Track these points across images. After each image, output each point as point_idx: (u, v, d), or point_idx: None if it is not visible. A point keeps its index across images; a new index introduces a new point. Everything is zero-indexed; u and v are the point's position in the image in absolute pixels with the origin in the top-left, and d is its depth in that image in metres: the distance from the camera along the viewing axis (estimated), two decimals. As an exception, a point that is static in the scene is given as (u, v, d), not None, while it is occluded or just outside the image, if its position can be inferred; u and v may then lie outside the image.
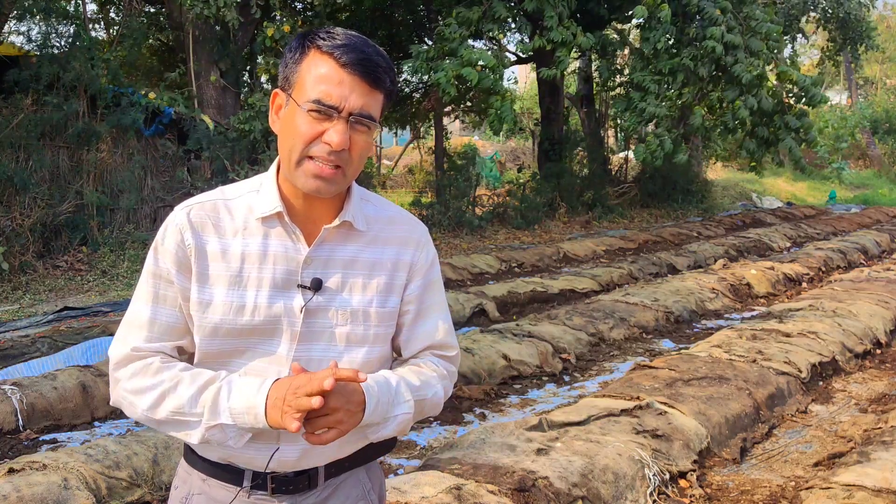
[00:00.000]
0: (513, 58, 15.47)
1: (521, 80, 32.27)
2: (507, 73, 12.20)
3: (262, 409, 1.26)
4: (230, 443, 1.32)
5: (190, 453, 1.45)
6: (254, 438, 1.36)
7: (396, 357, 1.53)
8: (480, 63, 10.92)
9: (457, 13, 11.36)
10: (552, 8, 11.33)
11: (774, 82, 13.86)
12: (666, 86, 12.31)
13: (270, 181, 1.39)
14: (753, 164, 14.87)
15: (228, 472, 1.40)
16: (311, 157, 1.30)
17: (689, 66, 12.17)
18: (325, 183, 1.31)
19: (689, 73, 12.41)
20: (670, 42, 12.55)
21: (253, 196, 1.40)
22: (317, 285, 1.36)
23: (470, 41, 11.63)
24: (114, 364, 1.38)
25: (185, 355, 1.42)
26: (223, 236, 1.37)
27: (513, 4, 12.03)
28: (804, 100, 13.47)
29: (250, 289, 1.35)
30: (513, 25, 12.33)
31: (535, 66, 16.12)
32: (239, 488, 1.39)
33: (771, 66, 13.50)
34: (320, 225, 1.38)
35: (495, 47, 12.75)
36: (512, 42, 17.10)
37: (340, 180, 1.33)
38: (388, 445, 1.53)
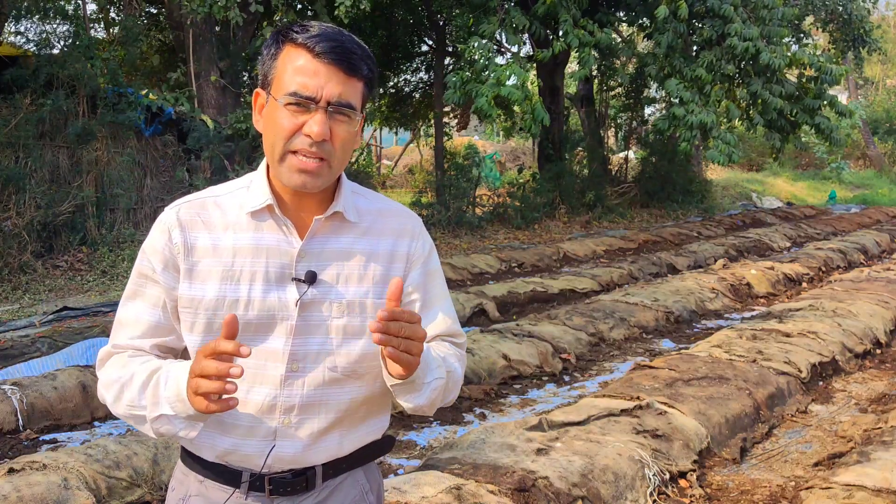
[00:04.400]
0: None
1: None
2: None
3: (186, 394, 1.20)
4: (181, 434, 1.27)
5: (186, 454, 1.44)
6: (250, 435, 1.35)
7: None
8: (513, 79, 10.98)
9: (481, 29, 11.41)
10: (566, 11, 11.36)
11: (787, 70, 13.90)
12: (696, 91, 12.31)
13: (261, 177, 1.39)
14: (775, 156, 14.97)
15: (225, 473, 1.39)
16: (293, 152, 1.30)
17: (715, 66, 12.21)
18: (309, 177, 1.30)
19: (716, 73, 12.46)
20: (681, 42, 12.58)
21: (243, 192, 1.40)
22: (311, 278, 1.35)
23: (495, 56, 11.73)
24: (97, 362, 1.42)
25: (172, 353, 1.42)
26: (213, 231, 1.37)
27: (522, 10, 12.05)
28: (822, 79, 13.46)
29: (243, 283, 1.35)
30: (523, 33, 12.33)
31: (534, 65, 16.14)
32: (235, 489, 1.38)
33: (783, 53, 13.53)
34: (312, 218, 1.37)
35: (511, 55, 12.78)
36: (516, 45, 17.13)
37: (325, 173, 1.32)
38: (386, 446, 1.53)
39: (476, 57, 11.12)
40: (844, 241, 12.05)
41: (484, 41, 11.25)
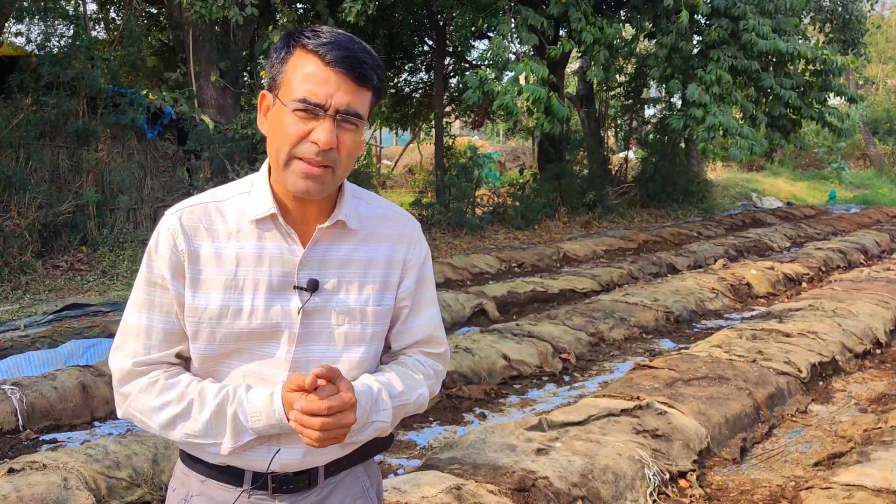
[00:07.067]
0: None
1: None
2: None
3: (286, 421, 1.30)
4: (256, 442, 1.36)
5: (187, 455, 1.44)
6: (254, 442, 1.36)
7: (386, 349, 1.53)
8: (533, 76, 11.06)
9: (498, 28, 11.46)
10: (576, 9, 11.38)
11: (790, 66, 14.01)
12: (717, 96, 12.37)
13: (262, 182, 1.38)
14: (769, 155, 15.05)
15: (228, 474, 1.39)
16: (298, 158, 1.29)
17: (737, 64, 12.30)
18: (314, 183, 1.30)
19: (736, 73, 12.55)
20: (684, 43, 12.62)
21: (244, 198, 1.38)
22: (313, 286, 1.35)
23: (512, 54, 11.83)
24: (118, 380, 1.37)
25: (184, 360, 1.41)
26: (216, 239, 1.35)
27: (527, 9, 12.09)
28: (827, 70, 13.52)
29: (247, 292, 1.34)
30: (536, 31, 12.38)
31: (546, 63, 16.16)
32: (239, 489, 1.39)
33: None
34: (314, 225, 1.37)
35: (514, 56, 12.83)
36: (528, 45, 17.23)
37: (329, 180, 1.31)
38: (386, 443, 1.53)
39: (493, 55, 11.19)
40: (844, 241, 12.05)
41: (502, 38, 11.30)
